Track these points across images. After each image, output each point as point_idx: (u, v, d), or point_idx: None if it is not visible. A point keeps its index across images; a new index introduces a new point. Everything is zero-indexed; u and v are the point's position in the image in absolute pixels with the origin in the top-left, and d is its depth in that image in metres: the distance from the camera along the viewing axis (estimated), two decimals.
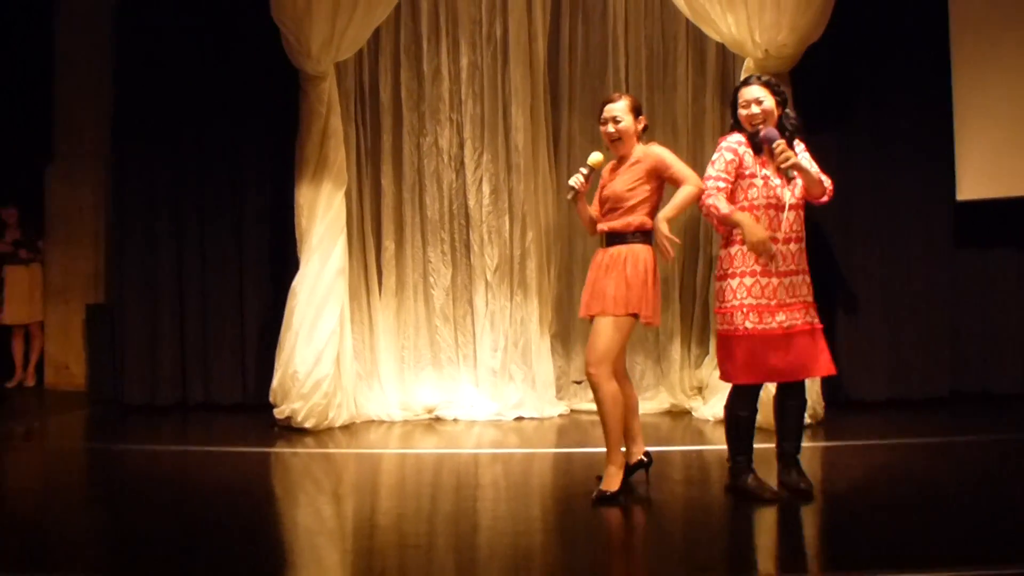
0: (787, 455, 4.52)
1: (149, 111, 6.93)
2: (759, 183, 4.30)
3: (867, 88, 6.74)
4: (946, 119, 6.63)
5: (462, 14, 6.81)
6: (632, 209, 4.42)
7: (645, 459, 4.62)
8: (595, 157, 4.53)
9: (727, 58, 6.71)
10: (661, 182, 4.47)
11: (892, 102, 6.72)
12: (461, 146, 6.86)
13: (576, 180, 4.48)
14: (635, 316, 4.36)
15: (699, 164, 6.87)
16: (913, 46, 6.72)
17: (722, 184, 4.28)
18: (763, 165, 4.34)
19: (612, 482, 4.41)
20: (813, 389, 6.14)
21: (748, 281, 4.29)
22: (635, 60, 6.90)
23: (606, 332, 4.34)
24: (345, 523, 4.48)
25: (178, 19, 6.91)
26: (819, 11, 6.01)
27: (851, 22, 6.45)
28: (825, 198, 4.44)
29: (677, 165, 4.43)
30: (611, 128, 4.49)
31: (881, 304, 6.73)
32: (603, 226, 4.51)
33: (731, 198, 4.32)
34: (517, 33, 6.72)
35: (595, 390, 4.37)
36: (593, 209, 4.65)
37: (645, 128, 4.58)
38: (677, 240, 4.35)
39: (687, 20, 6.44)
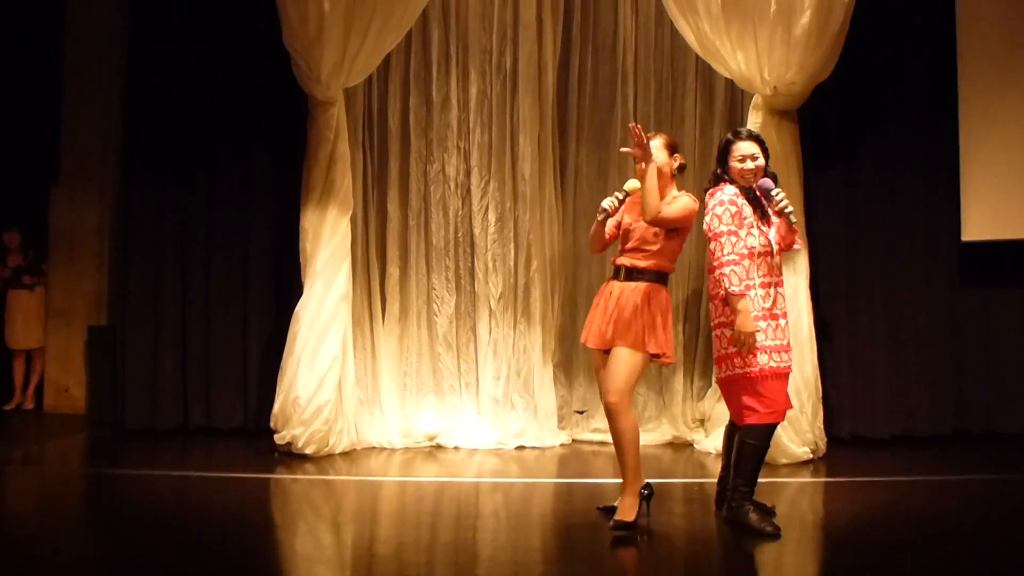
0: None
1: (157, 132, 6.94)
2: (755, 232, 4.43)
3: (874, 127, 6.76)
4: (953, 159, 6.65)
5: (473, 43, 6.86)
6: (659, 252, 4.51)
7: (645, 491, 4.60)
8: (632, 184, 4.61)
9: (735, 94, 6.75)
10: (685, 229, 4.57)
11: (899, 141, 6.74)
12: (468, 174, 6.88)
13: (611, 203, 4.58)
14: (654, 355, 4.44)
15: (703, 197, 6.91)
16: (921, 87, 6.76)
17: (735, 239, 4.35)
18: (752, 213, 4.48)
19: (629, 512, 4.40)
20: (816, 424, 6.14)
21: (766, 324, 4.39)
22: (644, 94, 6.94)
23: (628, 364, 4.39)
24: (344, 552, 4.44)
25: (188, 42, 6.94)
26: (828, 50, 6.05)
27: (859, 61, 6.49)
28: (797, 245, 4.69)
29: (674, 210, 4.49)
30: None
31: (885, 341, 6.71)
32: (625, 261, 4.56)
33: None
34: (527, 64, 6.77)
35: (614, 419, 4.40)
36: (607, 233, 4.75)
37: (683, 167, 4.68)
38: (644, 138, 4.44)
39: (696, 56, 6.48)
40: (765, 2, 5.97)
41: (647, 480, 4.64)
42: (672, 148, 4.62)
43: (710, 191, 4.53)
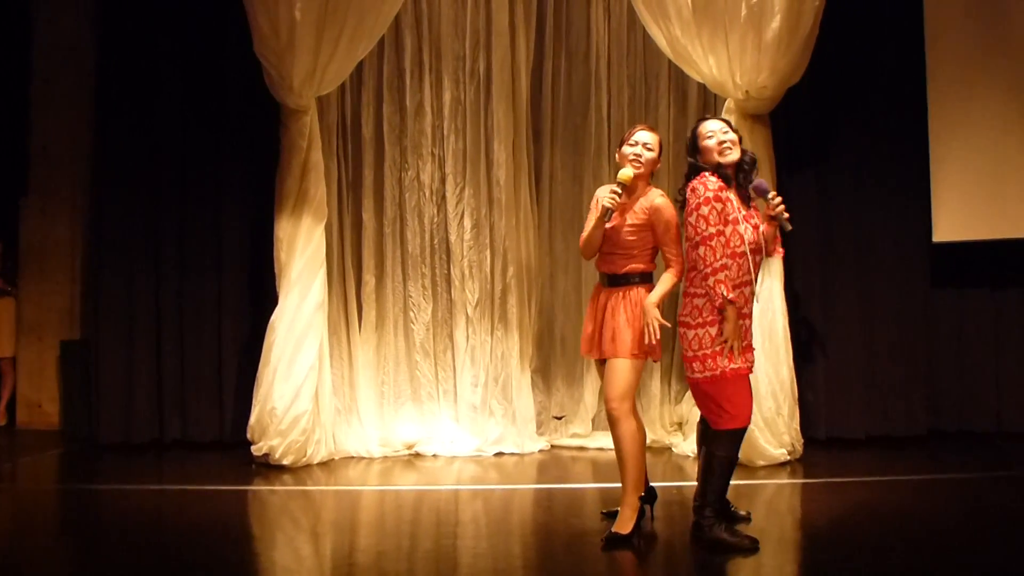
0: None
1: (128, 143, 6.88)
2: (741, 228, 4.24)
3: (845, 130, 6.82)
4: (923, 162, 6.72)
5: (446, 50, 6.85)
6: (635, 255, 4.45)
7: (643, 495, 4.54)
8: (626, 173, 4.39)
9: (708, 98, 6.78)
10: None
11: (870, 144, 6.80)
12: (443, 181, 6.88)
13: (612, 201, 4.36)
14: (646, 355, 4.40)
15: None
16: (891, 90, 6.82)
17: (723, 240, 4.19)
18: (737, 205, 4.30)
19: (625, 524, 4.35)
20: (792, 426, 6.17)
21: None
22: (617, 99, 6.96)
23: (624, 371, 4.37)
24: (324, 562, 4.42)
25: (158, 52, 6.87)
26: (799, 53, 6.10)
27: (830, 66, 6.55)
28: (778, 252, 4.53)
29: (672, 235, 4.41)
30: (640, 150, 4.44)
31: (859, 342, 6.76)
32: (606, 267, 4.51)
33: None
34: (500, 69, 6.77)
35: (615, 426, 4.38)
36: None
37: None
38: (667, 324, 4.38)
39: (669, 61, 6.52)
40: (736, 6, 6.01)
41: (651, 484, 4.62)
42: (662, 148, 4.56)
43: (691, 185, 4.30)
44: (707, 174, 4.28)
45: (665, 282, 4.40)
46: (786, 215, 4.29)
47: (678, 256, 4.43)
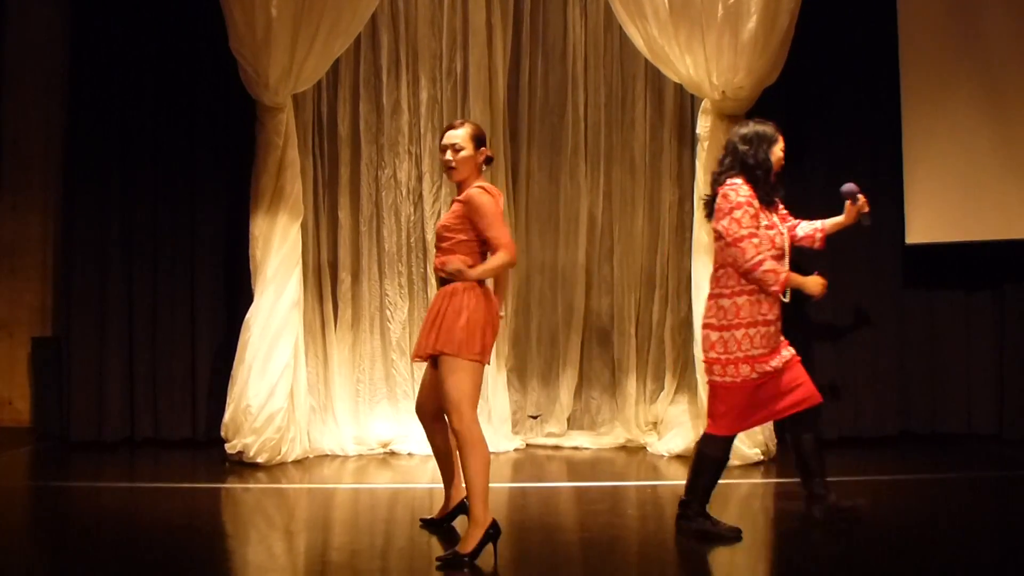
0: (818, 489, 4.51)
1: (101, 140, 6.82)
2: (772, 233, 4.39)
3: (820, 132, 6.86)
4: (896, 164, 6.78)
5: (422, 48, 6.85)
6: (453, 249, 4.19)
7: (491, 530, 4.15)
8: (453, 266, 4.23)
9: (685, 98, 6.82)
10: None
11: (844, 146, 6.85)
12: (419, 179, 6.87)
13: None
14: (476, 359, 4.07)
15: (657, 202, 6.98)
16: (865, 92, 6.88)
17: (756, 241, 4.26)
18: (766, 213, 4.41)
19: (469, 544, 4.05)
20: (765, 426, 6.21)
21: (755, 331, 4.31)
22: (594, 98, 6.98)
23: (449, 378, 4.05)
24: (297, 560, 4.40)
25: (131, 47, 6.82)
26: (775, 54, 6.14)
27: (805, 66, 6.60)
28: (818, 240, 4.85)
29: (488, 220, 4.11)
30: (449, 156, 4.23)
31: (832, 344, 6.82)
32: (437, 266, 4.25)
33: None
34: (477, 69, 6.78)
35: (462, 443, 4.11)
36: None
37: (488, 160, 4.38)
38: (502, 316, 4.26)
39: (646, 60, 6.55)
40: (712, 7, 6.05)
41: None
42: (477, 139, 4.28)
43: (722, 192, 4.33)
44: (740, 181, 4.35)
45: (492, 260, 4.14)
46: (866, 210, 4.71)
47: (499, 239, 4.10)
